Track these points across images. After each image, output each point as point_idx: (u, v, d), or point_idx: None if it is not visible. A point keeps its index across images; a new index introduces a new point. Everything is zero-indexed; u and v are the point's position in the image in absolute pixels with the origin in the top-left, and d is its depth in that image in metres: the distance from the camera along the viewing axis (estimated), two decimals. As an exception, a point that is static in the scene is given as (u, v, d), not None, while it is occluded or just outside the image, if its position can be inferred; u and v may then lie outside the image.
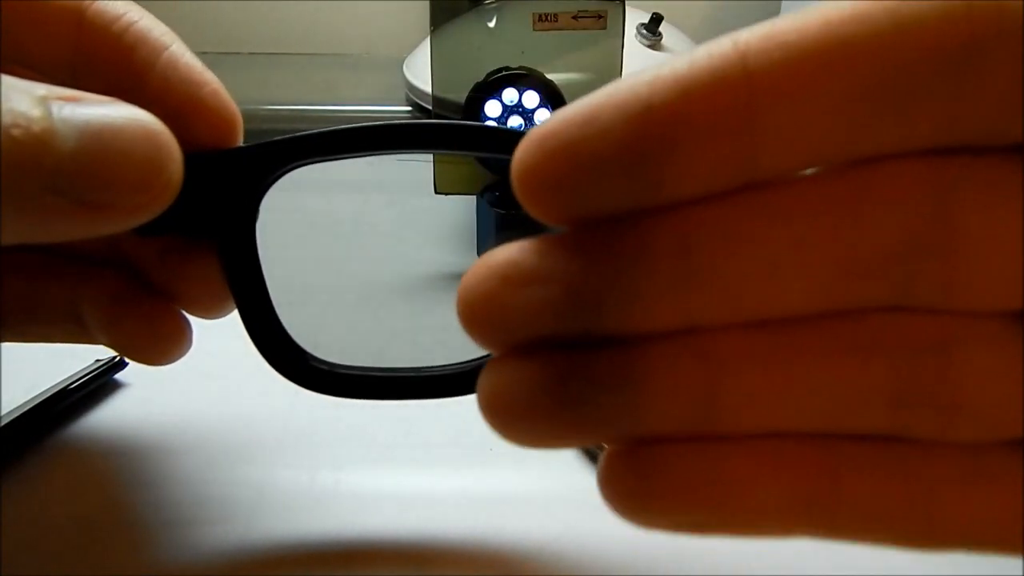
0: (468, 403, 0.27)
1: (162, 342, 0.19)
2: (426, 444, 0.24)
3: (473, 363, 0.19)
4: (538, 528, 0.21)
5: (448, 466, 0.23)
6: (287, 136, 0.17)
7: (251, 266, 0.18)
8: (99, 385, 0.25)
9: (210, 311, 0.20)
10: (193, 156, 0.15)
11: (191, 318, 0.20)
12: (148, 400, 0.26)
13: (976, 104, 0.11)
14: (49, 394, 0.24)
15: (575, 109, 0.12)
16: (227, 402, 0.26)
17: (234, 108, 0.18)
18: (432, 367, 0.19)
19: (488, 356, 0.19)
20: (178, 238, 0.18)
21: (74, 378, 0.25)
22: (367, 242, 0.37)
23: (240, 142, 0.18)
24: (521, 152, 0.12)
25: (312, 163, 0.18)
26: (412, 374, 0.19)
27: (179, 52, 0.17)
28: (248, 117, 0.19)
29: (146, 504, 0.22)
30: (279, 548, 0.20)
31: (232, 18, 0.67)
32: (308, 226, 0.38)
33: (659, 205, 0.12)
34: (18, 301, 0.20)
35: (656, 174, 0.11)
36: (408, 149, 0.18)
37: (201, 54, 0.18)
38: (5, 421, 0.23)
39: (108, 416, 0.25)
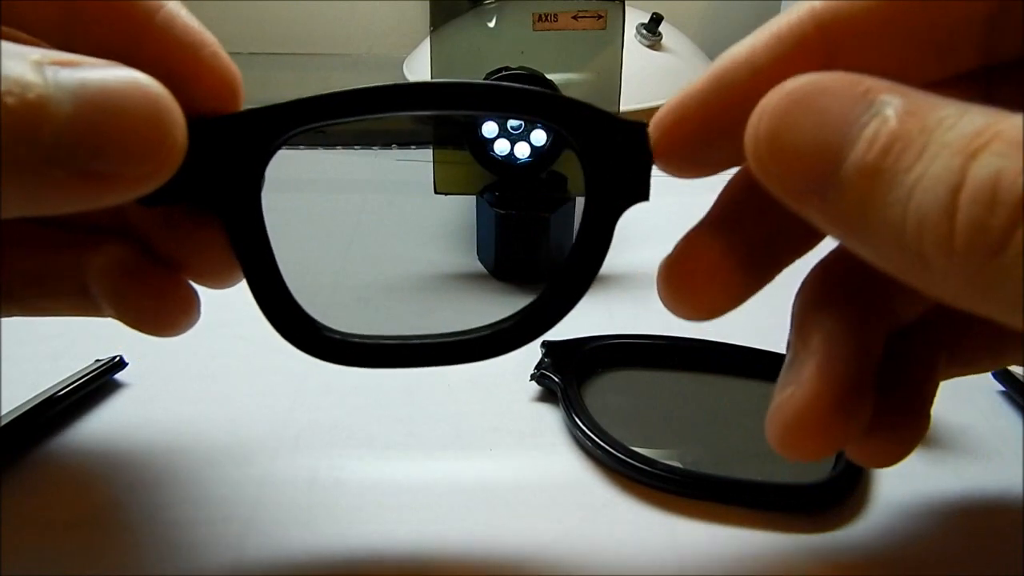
0: (469, 404, 0.27)
1: (169, 313, 0.19)
2: (426, 445, 0.24)
3: (485, 330, 0.19)
4: (538, 529, 0.21)
5: (448, 467, 0.23)
6: (291, 100, 0.17)
7: (258, 233, 0.17)
8: (99, 385, 0.25)
9: (217, 281, 0.19)
10: (196, 121, 0.15)
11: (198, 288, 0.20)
12: (148, 400, 0.26)
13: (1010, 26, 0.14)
14: (49, 394, 0.24)
15: (690, 93, 0.16)
16: (227, 402, 0.26)
17: (235, 70, 0.17)
18: (444, 334, 0.19)
19: (492, 324, 0.19)
20: (182, 206, 0.18)
21: (74, 378, 0.25)
22: (367, 242, 0.37)
23: (242, 105, 0.17)
24: (654, 130, 0.16)
25: (315, 127, 0.17)
26: (424, 341, 0.19)
27: (175, 10, 0.16)
28: (248, 117, 0.18)
29: (146, 504, 0.22)
30: (279, 548, 0.20)
31: (233, 18, 0.67)
32: (308, 226, 0.38)
33: None
34: (24, 273, 0.19)
35: None
36: (401, 110, 0.18)
37: (201, 54, 0.18)
38: (5, 421, 0.23)
39: (108, 416, 0.25)
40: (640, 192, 0.17)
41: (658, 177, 0.17)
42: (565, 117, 0.17)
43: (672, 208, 0.37)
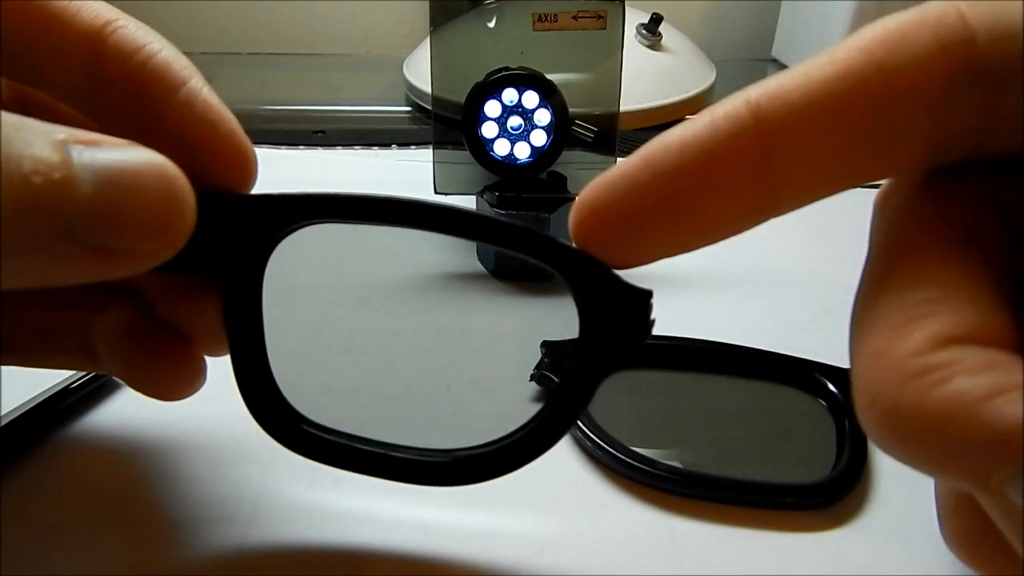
0: (469, 404, 0.27)
1: (176, 382, 0.19)
2: (425, 444, 0.24)
3: (467, 452, 0.19)
4: (538, 529, 0.21)
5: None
6: (302, 192, 0.17)
7: (252, 317, 0.17)
8: (99, 385, 0.25)
9: (213, 350, 0.19)
10: (206, 196, 0.15)
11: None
12: (148, 400, 0.26)
13: (956, 133, 0.13)
14: (49, 394, 0.24)
15: (615, 174, 0.14)
16: (227, 402, 0.25)
17: (250, 148, 0.18)
18: (425, 450, 0.19)
19: (479, 447, 0.18)
20: (184, 276, 0.18)
21: (74, 378, 0.25)
22: (367, 242, 0.37)
23: (255, 183, 0.18)
24: (575, 215, 0.15)
25: (328, 223, 0.17)
26: (402, 455, 0.19)
27: (197, 88, 0.17)
28: (248, 117, 0.18)
29: (146, 504, 0.22)
30: (279, 548, 0.20)
31: (232, 18, 0.67)
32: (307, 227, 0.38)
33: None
34: (29, 329, 0.19)
35: (692, 223, 0.14)
36: (423, 228, 0.17)
37: (201, 54, 0.18)
38: (5, 421, 0.23)
39: (108, 416, 0.25)
40: (630, 358, 0.17)
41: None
42: (570, 269, 0.16)
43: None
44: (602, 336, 0.17)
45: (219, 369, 0.26)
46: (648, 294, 0.16)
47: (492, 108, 0.32)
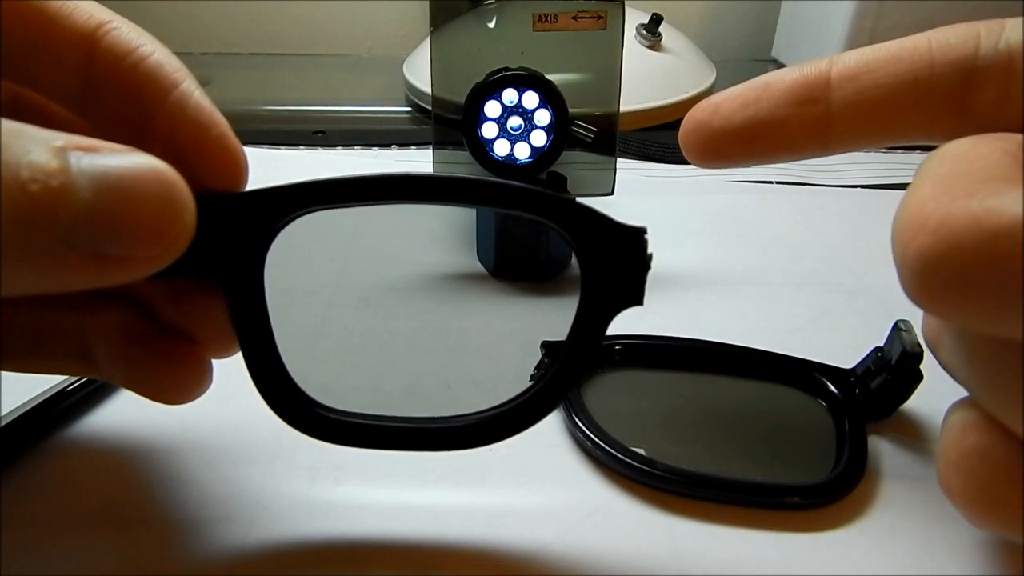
0: (469, 405, 0.27)
1: (180, 379, 0.19)
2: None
3: (480, 415, 0.19)
4: (538, 529, 0.21)
5: (448, 467, 0.23)
6: (297, 182, 0.17)
7: (258, 312, 0.17)
8: (98, 386, 0.25)
9: (218, 351, 0.19)
10: (203, 198, 0.15)
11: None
12: (147, 401, 0.26)
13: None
14: (49, 394, 0.24)
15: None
16: (228, 402, 0.26)
17: (241, 151, 0.18)
18: (440, 418, 0.19)
19: (490, 410, 0.19)
20: (185, 279, 0.18)
21: (74, 378, 0.25)
22: (367, 242, 0.37)
23: (245, 186, 0.18)
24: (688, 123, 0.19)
25: (323, 210, 0.17)
26: (420, 425, 0.19)
27: (188, 91, 0.17)
28: (248, 117, 0.19)
29: (146, 504, 0.22)
30: (279, 548, 0.20)
31: (232, 18, 0.67)
32: (307, 225, 0.38)
33: None
34: (23, 331, 0.19)
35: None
36: (406, 200, 0.18)
37: (201, 54, 0.18)
38: (5, 421, 0.23)
39: (108, 416, 0.25)
40: (635, 296, 0.17)
41: (653, 176, 0.17)
42: (565, 218, 0.17)
43: (668, 208, 0.38)
44: (604, 274, 0.17)
45: (217, 370, 0.26)
46: (642, 230, 0.17)
47: (492, 108, 0.32)
